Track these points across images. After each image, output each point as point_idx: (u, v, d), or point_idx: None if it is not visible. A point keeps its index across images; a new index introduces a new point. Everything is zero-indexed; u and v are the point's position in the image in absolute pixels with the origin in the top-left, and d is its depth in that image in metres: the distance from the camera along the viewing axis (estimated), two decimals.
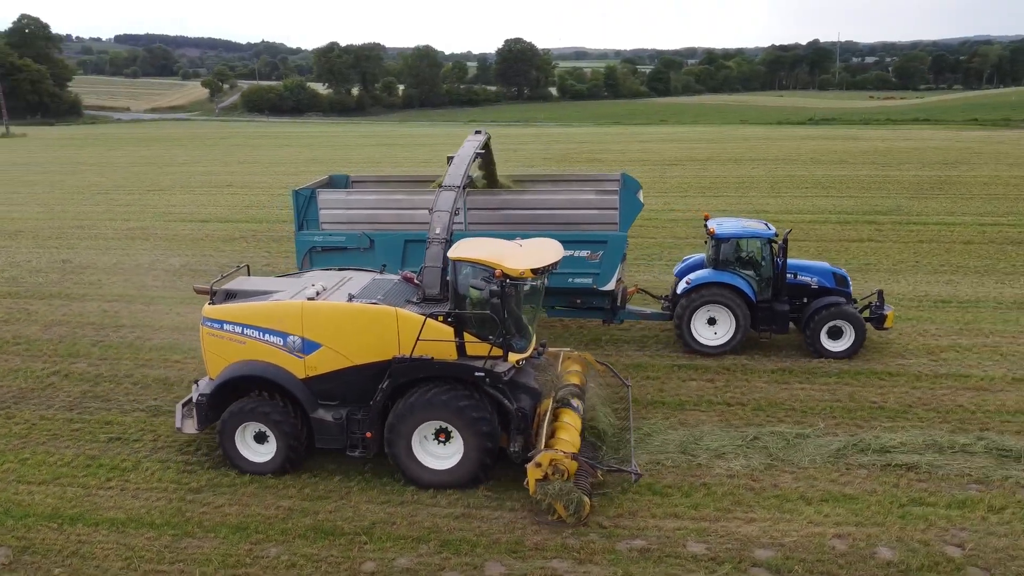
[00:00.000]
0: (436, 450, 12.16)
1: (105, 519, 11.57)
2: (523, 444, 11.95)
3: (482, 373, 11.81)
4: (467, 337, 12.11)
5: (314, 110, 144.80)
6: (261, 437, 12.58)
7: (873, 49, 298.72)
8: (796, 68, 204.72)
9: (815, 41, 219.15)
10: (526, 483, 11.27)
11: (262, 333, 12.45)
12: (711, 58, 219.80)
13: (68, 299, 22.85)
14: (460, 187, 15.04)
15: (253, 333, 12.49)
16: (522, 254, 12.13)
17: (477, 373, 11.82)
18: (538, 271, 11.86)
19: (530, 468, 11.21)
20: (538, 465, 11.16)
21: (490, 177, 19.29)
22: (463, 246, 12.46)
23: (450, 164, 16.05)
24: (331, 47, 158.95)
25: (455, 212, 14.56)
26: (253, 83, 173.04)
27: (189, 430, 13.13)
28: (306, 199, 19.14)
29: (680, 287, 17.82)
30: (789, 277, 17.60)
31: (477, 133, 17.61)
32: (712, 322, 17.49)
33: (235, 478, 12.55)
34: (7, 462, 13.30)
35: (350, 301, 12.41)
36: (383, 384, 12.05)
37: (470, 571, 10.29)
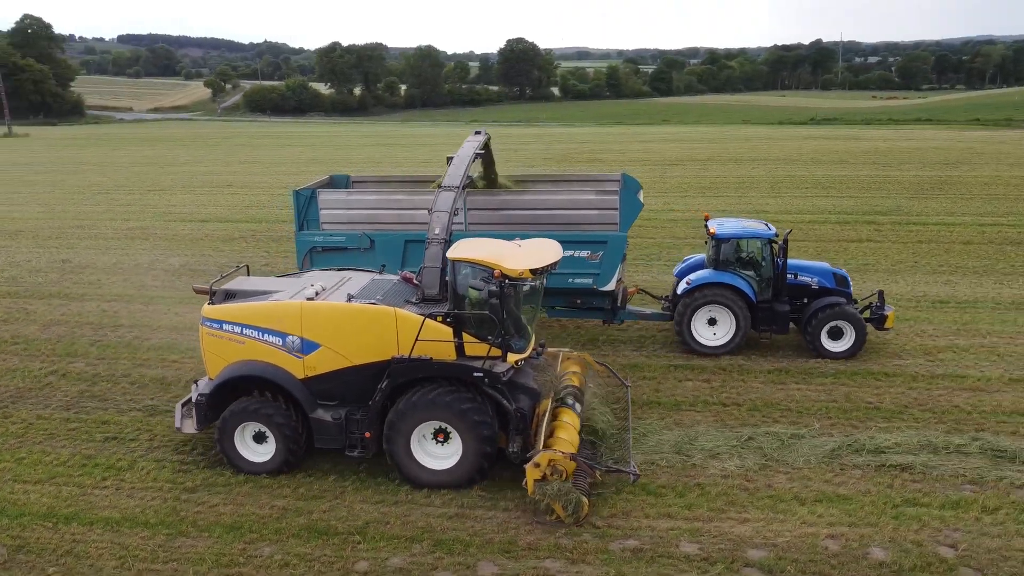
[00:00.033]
0: (435, 450, 12.18)
1: (100, 518, 11.61)
2: (522, 444, 11.96)
3: (481, 373, 11.83)
4: (466, 337, 12.13)
5: (316, 110, 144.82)
6: (260, 437, 12.61)
7: (876, 49, 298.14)
8: (799, 68, 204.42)
9: (818, 41, 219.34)
10: (524, 483, 11.27)
11: (261, 333, 12.48)
12: (713, 58, 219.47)
13: (67, 299, 22.90)
14: (459, 187, 15.06)
15: (252, 333, 12.51)
16: (521, 254, 12.14)
17: (476, 373, 11.84)
18: (537, 271, 11.87)
19: (529, 468, 11.22)
20: (537, 465, 11.17)
21: (490, 177, 19.30)
22: (462, 246, 12.48)
23: (449, 165, 16.08)
24: (333, 47, 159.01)
25: (454, 212, 14.59)
26: (255, 83, 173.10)
27: (188, 430, 13.16)
28: (307, 199, 19.16)
29: (680, 287, 17.81)
30: (789, 277, 17.58)
31: (477, 134, 17.62)
32: (712, 322, 17.48)
33: (230, 477, 12.59)
34: (3, 461, 13.35)
35: (349, 301, 12.44)
36: (382, 384, 12.06)
37: (463, 571, 10.31)
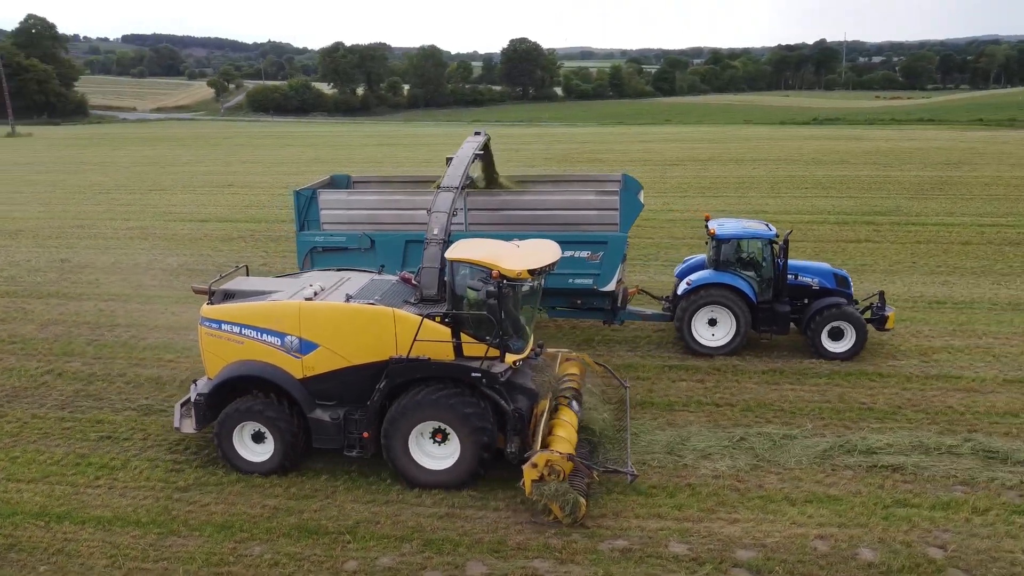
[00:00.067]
0: (433, 450, 12.20)
1: (92, 517, 11.65)
2: (520, 445, 11.97)
3: (479, 374, 11.85)
4: (464, 338, 12.15)
5: (319, 110, 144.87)
6: (259, 437, 12.65)
7: (880, 49, 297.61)
8: (802, 68, 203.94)
9: (821, 41, 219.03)
10: (522, 484, 11.28)
11: (260, 333, 12.51)
12: (717, 58, 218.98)
13: (65, 298, 22.97)
14: (458, 188, 15.10)
15: (251, 333, 12.55)
16: (519, 255, 12.16)
17: (474, 374, 11.87)
18: (535, 272, 11.89)
19: (526, 469, 11.23)
20: (534, 466, 11.18)
21: (490, 178, 19.33)
22: (460, 247, 12.50)
23: (449, 166, 16.10)
24: (336, 47, 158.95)
25: (454, 213, 14.62)
26: (259, 83, 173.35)
27: (187, 430, 13.20)
28: (307, 199, 19.19)
29: (681, 288, 17.82)
30: (790, 278, 17.58)
31: (476, 134, 17.66)
32: (713, 323, 17.48)
33: (222, 476, 12.63)
34: None
35: (347, 301, 12.46)
36: (380, 384, 12.09)
37: (452, 570, 10.33)
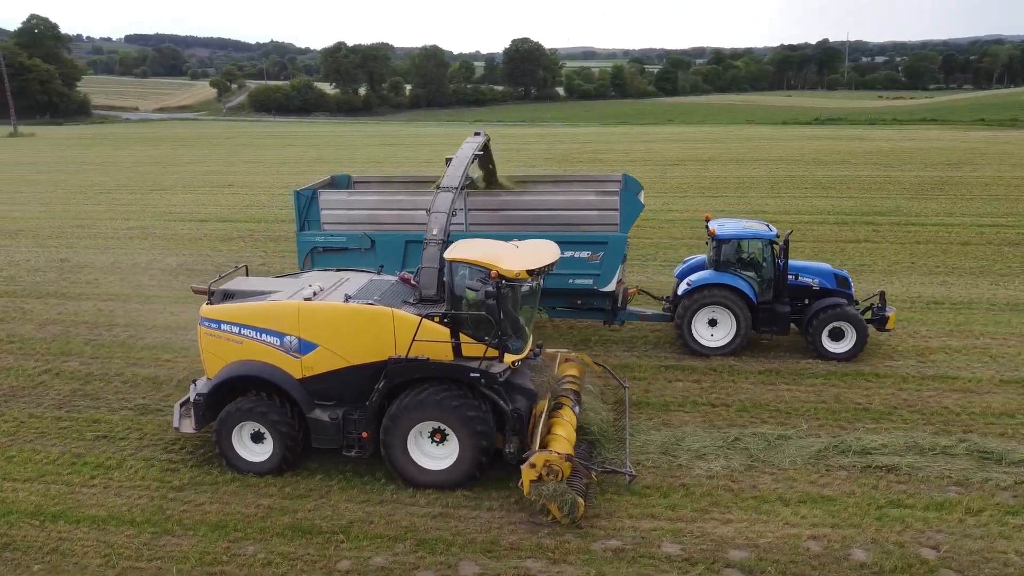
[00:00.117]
0: (432, 450, 12.21)
1: (87, 516, 11.68)
2: (519, 445, 11.98)
3: (478, 374, 11.86)
4: (463, 338, 12.17)
5: (321, 110, 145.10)
6: (258, 437, 12.67)
7: (883, 49, 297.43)
8: (805, 68, 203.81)
9: (824, 41, 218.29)
10: (520, 484, 11.28)
11: (259, 333, 12.53)
12: (719, 58, 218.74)
13: (64, 298, 23.02)
14: (458, 188, 15.12)
15: (250, 333, 12.57)
16: (518, 255, 12.17)
17: (473, 374, 11.88)
18: (534, 272, 11.89)
19: (525, 469, 11.23)
20: (532, 466, 11.18)
21: (489, 178, 19.34)
22: (459, 247, 12.51)
23: (448, 166, 16.12)
24: (338, 47, 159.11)
25: (453, 213, 14.64)
26: (261, 83, 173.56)
27: (187, 430, 13.22)
28: (307, 199, 19.22)
29: (681, 288, 17.81)
30: (790, 278, 17.56)
31: (476, 135, 17.68)
32: (713, 323, 17.47)
33: (217, 476, 12.66)
34: None
35: (346, 301, 12.48)
36: (379, 384, 12.11)
37: (444, 570, 10.34)
